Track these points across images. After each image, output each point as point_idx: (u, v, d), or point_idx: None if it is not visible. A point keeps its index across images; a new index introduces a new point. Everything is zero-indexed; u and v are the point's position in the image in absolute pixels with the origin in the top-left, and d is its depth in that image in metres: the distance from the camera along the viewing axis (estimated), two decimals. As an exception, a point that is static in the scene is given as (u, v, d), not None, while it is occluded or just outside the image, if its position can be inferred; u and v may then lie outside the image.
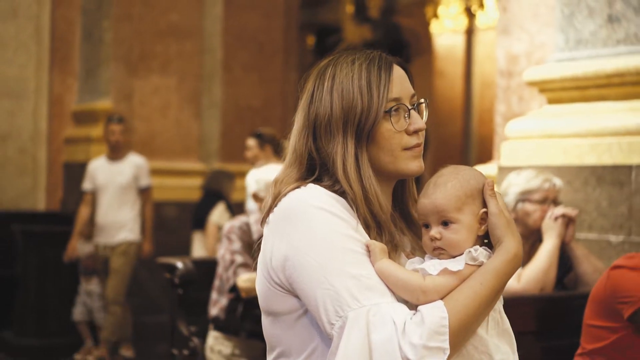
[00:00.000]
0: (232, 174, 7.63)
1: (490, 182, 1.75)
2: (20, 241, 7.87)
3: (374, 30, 13.99)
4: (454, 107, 12.31)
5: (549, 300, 3.32)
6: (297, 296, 1.71)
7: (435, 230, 1.72)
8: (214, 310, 4.15)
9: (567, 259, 3.60)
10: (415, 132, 1.79)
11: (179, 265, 4.08)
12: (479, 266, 1.68)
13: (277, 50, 9.12)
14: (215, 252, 5.88)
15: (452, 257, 1.71)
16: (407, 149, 1.78)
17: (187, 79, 8.57)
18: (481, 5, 11.73)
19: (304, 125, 1.80)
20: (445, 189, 1.73)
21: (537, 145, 4.32)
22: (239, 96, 8.81)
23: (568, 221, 3.61)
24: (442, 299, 1.63)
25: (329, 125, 1.76)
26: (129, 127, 7.56)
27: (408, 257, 1.79)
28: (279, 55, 9.14)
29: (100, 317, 7.13)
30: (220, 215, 7.01)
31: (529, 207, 3.64)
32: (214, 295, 4.17)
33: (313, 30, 14.52)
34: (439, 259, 1.71)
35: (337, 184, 1.75)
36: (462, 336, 1.63)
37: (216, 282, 4.17)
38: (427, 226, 1.75)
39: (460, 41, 12.28)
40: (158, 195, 8.02)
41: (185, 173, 8.53)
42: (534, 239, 3.61)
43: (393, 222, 1.81)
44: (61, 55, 9.00)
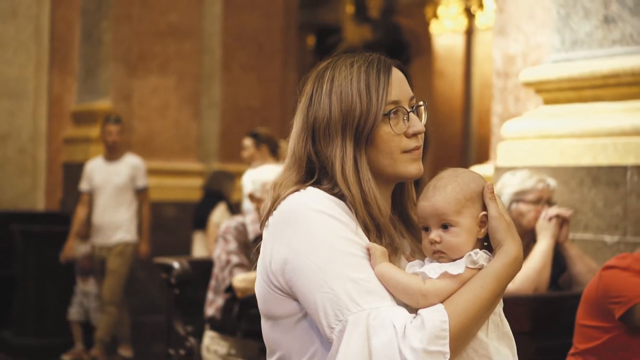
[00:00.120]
0: (233, 175, 7.63)
1: (490, 185, 1.75)
2: (19, 241, 7.89)
3: (374, 30, 14.00)
4: (453, 108, 12.31)
5: (542, 300, 3.33)
6: (296, 300, 1.70)
7: (435, 234, 1.72)
8: (210, 310, 4.16)
9: (561, 259, 3.61)
10: (415, 134, 1.78)
11: (175, 265, 4.10)
12: (479, 269, 1.67)
13: (276, 51, 9.12)
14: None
15: (451, 260, 1.70)
16: (406, 151, 1.77)
17: (186, 79, 8.57)
18: (481, 6, 11.73)
19: (302, 128, 1.80)
20: (445, 192, 1.72)
21: (533, 145, 4.33)
22: (238, 96, 8.82)
23: (562, 221, 3.62)
24: (442, 302, 1.62)
25: (328, 128, 1.76)
26: (126, 127, 7.57)
27: (408, 260, 1.78)
28: (278, 55, 9.14)
29: (97, 318, 7.12)
30: (221, 216, 7.02)
31: (523, 207, 3.65)
32: (210, 295, 4.18)
33: (313, 30, 14.53)
34: (439, 262, 1.71)
35: (337, 187, 1.74)
36: (462, 340, 1.62)
37: (212, 282, 4.17)
38: (426, 229, 1.75)
39: (460, 41, 12.28)
40: (157, 195, 8.03)
41: (184, 173, 8.53)
42: (528, 240, 3.62)
43: (392, 225, 1.80)
44: (61, 56, 9.02)
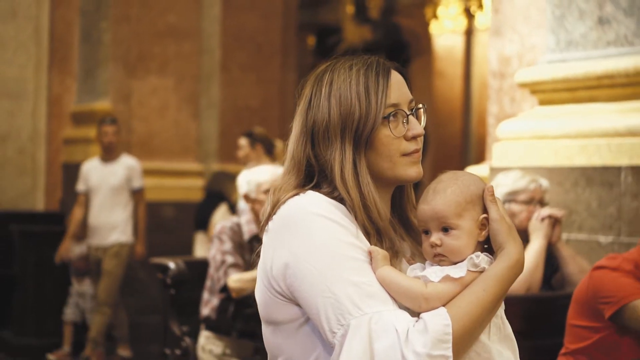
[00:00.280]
0: (234, 176, 7.63)
1: (490, 187, 1.74)
2: (18, 241, 7.91)
3: (374, 30, 14.01)
4: (453, 108, 12.33)
5: (534, 300, 3.34)
6: (298, 304, 1.69)
7: (436, 237, 1.71)
8: (205, 310, 4.17)
9: (553, 259, 3.62)
10: (414, 137, 1.78)
11: (171, 265, 4.11)
12: (480, 272, 1.67)
13: (275, 51, 9.13)
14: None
15: (452, 263, 1.70)
16: (405, 154, 1.77)
17: (185, 80, 8.58)
18: (480, 6, 11.74)
19: (301, 132, 1.79)
20: (445, 195, 1.72)
21: (528, 146, 4.34)
22: (237, 97, 8.83)
23: (554, 222, 3.64)
24: (444, 305, 1.62)
25: (327, 132, 1.75)
26: (121, 128, 7.58)
27: (409, 263, 1.78)
28: (277, 55, 9.16)
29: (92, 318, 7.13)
30: (222, 216, 7.03)
31: (515, 207, 3.67)
32: (205, 295, 4.19)
33: (313, 30, 14.55)
34: (440, 266, 1.70)
35: (336, 191, 1.74)
36: (465, 343, 1.61)
37: (208, 283, 4.18)
38: (427, 232, 1.74)
39: (459, 42, 12.29)
40: (156, 195, 8.05)
41: (183, 173, 8.54)
42: (520, 240, 3.63)
43: (392, 228, 1.79)
44: (60, 56, 9.04)
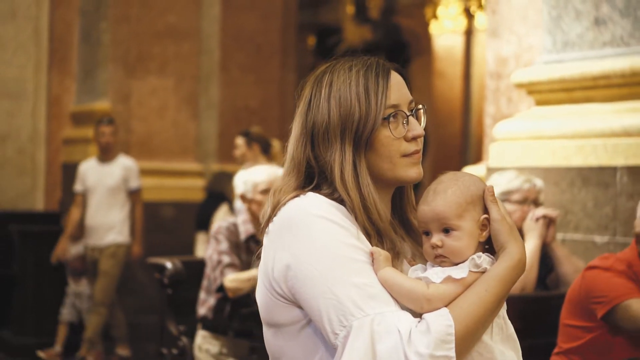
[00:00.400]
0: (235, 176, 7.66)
1: (490, 187, 1.74)
2: (18, 241, 7.93)
3: (374, 30, 14.01)
4: (453, 108, 12.33)
5: (528, 300, 3.35)
6: (299, 306, 1.69)
7: (437, 238, 1.71)
8: (202, 310, 4.18)
9: (548, 259, 3.63)
10: (414, 138, 1.77)
11: (168, 265, 4.13)
12: (482, 273, 1.66)
13: (274, 52, 9.14)
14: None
15: (454, 264, 1.69)
16: (405, 155, 1.76)
17: (184, 80, 8.59)
18: (480, 6, 11.73)
19: (301, 133, 1.78)
20: (446, 196, 1.71)
21: (525, 146, 4.35)
22: (236, 97, 8.84)
23: (549, 222, 3.65)
24: (446, 306, 1.61)
25: (327, 133, 1.75)
26: (118, 129, 7.58)
27: (410, 264, 1.78)
28: (277, 56, 9.16)
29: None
30: (223, 217, 7.04)
31: (509, 207, 3.68)
32: (202, 295, 4.20)
33: (313, 30, 14.55)
34: (441, 267, 1.70)
35: (336, 192, 1.73)
36: (467, 343, 1.61)
37: (204, 282, 4.19)
38: (427, 234, 1.73)
39: (459, 42, 12.29)
40: (155, 195, 8.06)
41: (182, 173, 8.55)
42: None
43: (393, 229, 1.79)
44: (60, 57, 9.05)
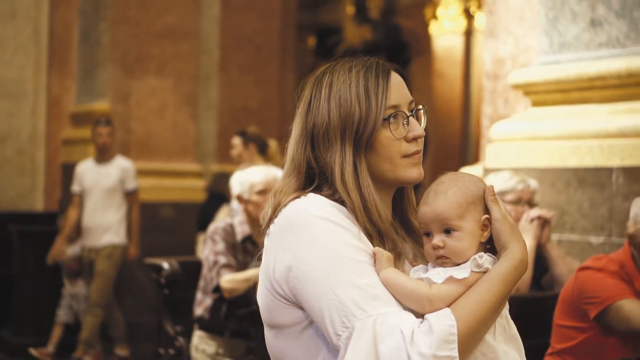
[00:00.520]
0: (236, 176, 7.66)
1: (491, 187, 1.73)
2: (17, 241, 7.94)
3: (374, 31, 14.02)
4: (452, 108, 12.34)
5: (522, 300, 3.36)
6: (301, 308, 1.68)
7: (438, 239, 1.70)
8: (198, 310, 4.18)
9: (543, 260, 3.64)
10: (415, 139, 1.77)
11: (165, 265, 4.14)
12: (484, 273, 1.66)
13: (274, 52, 9.15)
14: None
15: (455, 265, 1.68)
16: (406, 156, 1.76)
17: (183, 81, 8.60)
18: (480, 7, 11.74)
19: (301, 134, 1.78)
20: (446, 197, 1.70)
21: (522, 147, 4.36)
22: (235, 97, 8.85)
23: (544, 223, 3.66)
24: (448, 306, 1.61)
25: (327, 134, 1.74)
26: (120, 128, 7.59)
27: (411, 265, 1.77)
28: (276, 56, 9.17)
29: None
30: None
31: (503, 207, 3.68)
32: (199, 295, 4.20)
33: (313, 30, 14.57)
34: (443, 268, 1.69)
35: (337, 193, 1.73)
36: (470, 343, 1.61)
37: (201, 283, 4.20)
38: (428, 234, 1.73)
39: (459, 42, 12.30)
40: (155, 196, 8.08)
41: (182, 174, 8.56)
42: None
43: (394, 230, 1.78)
44: (59, 57, 9.06)
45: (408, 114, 1.77)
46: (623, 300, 2.83)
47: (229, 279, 3.98)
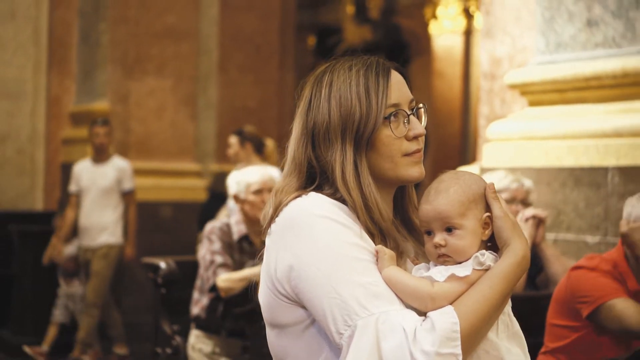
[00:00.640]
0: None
1: (491, 185, 1.73)
2: (17, 241, 7.96)
3: (374, 30, 14.04)
4: (452, 108, 12.36)
5: (515, 300, 3.36)
6: (303, 307, 1.68)
7: (440, 237, 1.70)
8: (195, 310, 4.19)
9: (538, 259, 3.65)
10: (415, 137, 1.77)
11: (162, 265, 4.15)
12: (485, 270, 1.66)
13: (273, 52, 9.16)
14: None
15: (457, 263, 1.68)
16: (407, 154, 1.76)
17: (183, 81, 8.61)
18: (479, 7, 11.76)
19: (302, 134, 1.78)
20: (448, 195, 1.70)
21: (518, 147, 4.37)
22: (234, 97, 8.86)
23: (538, 222, 3.67)
24: (451, 304, 1.61)
25: (327, 133, 1.74)
26: (119, 128, 7.59)
27: (413, 263, 1.77)
28: (275, 56, 9.19)
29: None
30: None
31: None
32: (195, 294, 4.21)
33: (314, 30, 14.59)
34: (444, 266, 1.69)
35: (338, 192, 1.72)
36: (473, 340, 1.61)
37: (198, 282, 4.21)
38: (429, 233, 1.72)
39: (458, 42, 12.33)
40: (154, 195, 8.09)
41: (181, 174, 8.57)
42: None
43: (395, 228, 1.78)
44: (59, 57, 9.08)
45: (409, 112, 1.77)
46: (615, 299, 2.84)
47: (226, 279, 4.00)
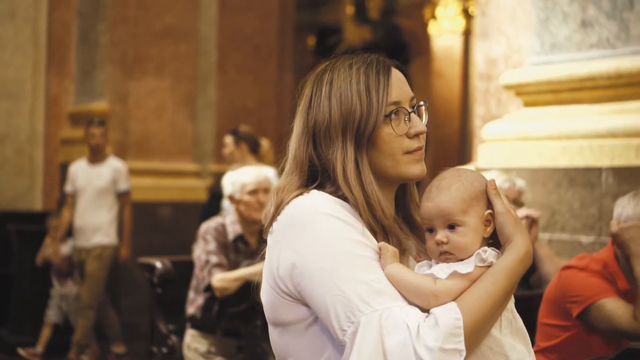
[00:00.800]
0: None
1: (492, 181, 1.72)
2: (16, 241, 7.97)
3: (374, 31, 14.04)
4: (451, 108, 12.35)
5: (510, 299, 3.38)
6: (306, 304, 1.68)
7: (442, 234, 1.69)
8: (190, 309, 4.21)
9: (531, 259, 3.66)
10: (416, 135, 1.76)
11: (157, 265, 4.17)
12: (488, 267, 1.65)
13: (272, 52, 9.18)
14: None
15: (459, 260, 1.68)
16: (408, 152, 1.75)
17: (182, 81, 8.63)
18: (478, 7, 11.76)
19: (303, 132, 1.77)
20: (450, 192, 1.69)
21: (514, 147, 4.39)
22: (233, 98, 8.88)
23: (531, 222, 3.68)
24: (454, 301, 1.60)
25: (328, 131, 1.74)
26: (118, 129, 7.61)
27: (416, 261, 1.77)
28: (274, 57, 9.20)
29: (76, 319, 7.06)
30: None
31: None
32: (191, 294, 4.23)
33: (313, 31, 14.60)
34: (446, 263, 1.68)
35: (340, 190, 1.72)
36: (476, 337, 1.60)
37: (193, 282, 4.23)
38: (431, 230, 1.72)
39: (458, 42, 12.33)
40: (153, 195, 8.11)
41: (180, 174, 8.59)
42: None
43: (397, 226, 1.77)
44: (58, 57, 9.08)
45: (409, 110, 1.77)
46: (605, 299, 2.85)
47: (220, 278, 4.01)
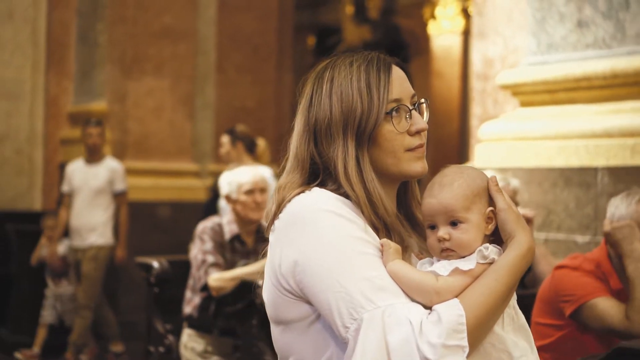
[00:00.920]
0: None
1: (494, 178, 1.73)
2: (15, 240, 7.98)
3: (374, 30, 14.07)
4: (451, 108, 12.37)
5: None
6: (308, 302, 1.67)
7: (444, 231, 1.68)
8: (187, 309, 4.22)
9: (525, 259, 3.67)
10: (418, 132, 1.76)
11: (154, 264, 4.18)
12: (489, 264, 1.65)
13: (271, 52, 9.19)
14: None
15: (460, 257, 1.67)
16: (409, 150, 1.75)
17: (180, 81, 8.64)
18: (478, 7, 11.77)
19: (304, 130, 1.77)
20: (452, 189, 1.69)
21: (510, 147, 4.40)
22: (232, 97, 8.89)
23: (526, 222, 3.69)
24: (456, 297, 1.60)
25: (329, 129, 1.73)
26: (117, 128, 7.62)
27: (418, 258, 1.77)
28: (273, 57, 9.21)
29: (72, 319, 7.07)
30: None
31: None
32: (188, 293, 4.24)
33: (313, 31, 14.62)
34: (448, 260, 1.68)
35: (341, 188, 1.72)
36: (479, 333, 1.60)
37: (190, 281, 4.24)
38: (433, 227, 1.71)
39: (457, 42, 12.35)
40: (152, 195, 8.12)
41: (179, 173, 8.60)
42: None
43: (399, 223, 1.77)
44: (57, 57, 9.09)
45: (410, 107, 1.77)
46: (597, 298, 2.86)
47: (217, 278, 4.02)
